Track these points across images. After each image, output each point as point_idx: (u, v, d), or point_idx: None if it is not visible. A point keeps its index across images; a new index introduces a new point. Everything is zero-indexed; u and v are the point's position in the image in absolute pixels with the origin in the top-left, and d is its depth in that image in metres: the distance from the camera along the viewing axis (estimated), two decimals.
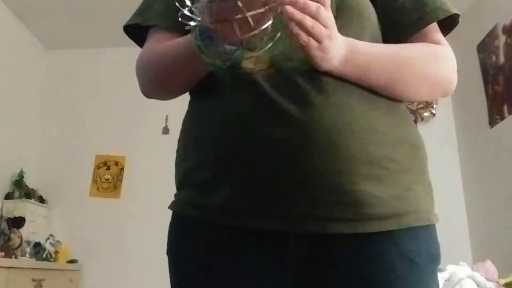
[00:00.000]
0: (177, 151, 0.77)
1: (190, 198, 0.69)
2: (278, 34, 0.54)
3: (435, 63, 0.71)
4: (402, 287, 0.60)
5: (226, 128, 0.65)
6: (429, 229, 0.66)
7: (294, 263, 0.63)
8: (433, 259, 0.65)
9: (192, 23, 0.55)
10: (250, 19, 0.51)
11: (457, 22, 0.77)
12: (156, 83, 0.79)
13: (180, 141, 0.76)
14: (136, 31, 0.84)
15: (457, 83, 0.75)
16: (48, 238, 3.03)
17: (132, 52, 4.06)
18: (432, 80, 0.71)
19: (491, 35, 2.73)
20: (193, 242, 0.68)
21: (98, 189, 3.36)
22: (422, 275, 0.63)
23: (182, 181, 0.72)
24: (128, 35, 0.87)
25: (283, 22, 0.55)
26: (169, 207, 0.74)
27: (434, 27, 0.75)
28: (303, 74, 0.63)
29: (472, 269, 1.87)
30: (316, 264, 0.62)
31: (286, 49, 0.61)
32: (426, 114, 3.09)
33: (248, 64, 0.64)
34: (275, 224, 0.62)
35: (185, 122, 0.77)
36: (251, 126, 0.63)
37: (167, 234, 0.73)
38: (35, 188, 3.21)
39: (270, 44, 0.54)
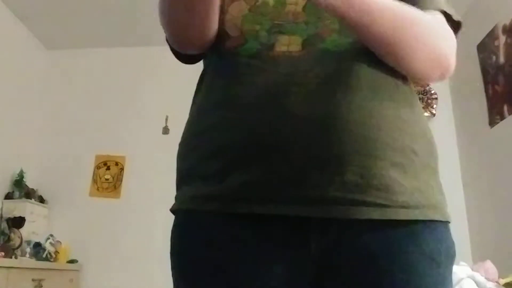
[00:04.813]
0: (184, 143, 0.72)
1: (202, 191, 0.65)
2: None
3: (437, 33, 0.68)
4: (423, 285, 0.60)
5: (253, 109, 0.63)
6: (447, 226, 0.66)
7: (315, 254, 0.60)
8: (451, 258, 0.65)
9: None
10: None
11: (459, 30, 0.76)
12: (173, 17, 0.71)
13: (188, 131, 0.72)
14: None
15: (457, 83, 0.74)
16: (48, 238, 3.03)
17: (132, 52, 4.04)
18: (431, 48, 0.67)
19: (491, 35, 2.73)
20: (205, 239, 0.64)
21: (98, 189, 3.37)
22: (442, 273, 0.63)
23: (191, 172, 0.68)
24: None
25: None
26: (172, 209, 0.70)
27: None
28: (335, 55, 0.64)
29: (472, 269, 1.87)
30: (338, 255, 0.60)
31: (319, 31, 0.64)
32: (426, 114, 3.09)
33: (281, 47, 0.65)
34: (302, 209, 0.59)
35: (196, 111, 0.73)
36: (280, 106, 0.61)
37: (171, 235, 0.69)
38: (35, 188, 3.21)
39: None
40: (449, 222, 0.66)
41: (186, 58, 0.83)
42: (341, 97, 0.61)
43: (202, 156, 0.67)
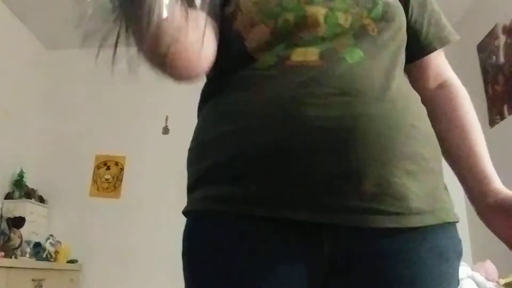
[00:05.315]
0: (197, 149, 0.72)
1: (217, 193, 0.65)
2: None
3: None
4: (432, 279, 0.62)
5: (271, 117, 0.63)
6: (455, 226, 0.68)
7: (327, 258, 0.62)
8: (459, 255, 0.67)
9: None
10: None
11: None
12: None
13: (201, 137, 0.72)
14: None
15: None
16: (48, 238, 3.03)
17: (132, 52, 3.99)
18: None
19: (491, 35, 2.73)
20: (223, 240, 0.64)
21: (98, 189, 3.37)
22: (449, 268, 0.65)
23: (208, 177, 0.67)
24: None
25: None
26: (184, 211, 0.70)
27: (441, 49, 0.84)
28: (352, 66, 0.65)
29: (472, 269, 1.87)
30: (348, 259, 0.62)
31: (334, 45, 0.65)
32: None
33: (297, 57, 0.65)
34: (318, 216, 0.60)
35: (208, 119, 0.72)
36: (299, 115, 0.62)
37: (183, 236, 0.69)
38: (35, 188, 3.21)
39: None
40: (457, 222, 0.68)
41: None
42: (359, 108, 0.62)
43: (218, 163, 0.66)
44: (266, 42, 0.68)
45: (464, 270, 1.82)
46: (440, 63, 0.85)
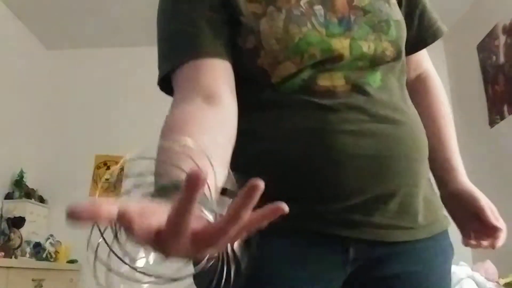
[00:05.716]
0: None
1: None
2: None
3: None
4: (438, 276, 0.71)
5: (303, 143, 0.64)
6: (447, 230, 0.76)
7: (350, 262, 0.66)
8: (453, 252, 0.76)
9: None
10: None
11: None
12: None
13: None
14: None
15: (457, 83, 0.78)
16: (48, 238, 3.03)
17: (132, 52, 4.01)
18: None
19: (491, 35, 2.73)
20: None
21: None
22: (448, 264, 0.75)
23: None
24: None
25: None
26: None
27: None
28: (376, 91, 0.67)
29: (472, 269, 1.87)
30: (366, 266, 0.66)
31: (356, 70, 0.67)
32: None
33: (324, 82, 0.66)
34: (347, 231, 0.64)
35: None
36: (333, 141, 0.63)
37: None
38: (35, 188, 3.21)
39: None
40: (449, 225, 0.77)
41: None
42: (391, 134, 0.65)
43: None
44: (292, 73, 0.67)
45: (464, 270, 1.82)
46: (422, 55, 0.89)
